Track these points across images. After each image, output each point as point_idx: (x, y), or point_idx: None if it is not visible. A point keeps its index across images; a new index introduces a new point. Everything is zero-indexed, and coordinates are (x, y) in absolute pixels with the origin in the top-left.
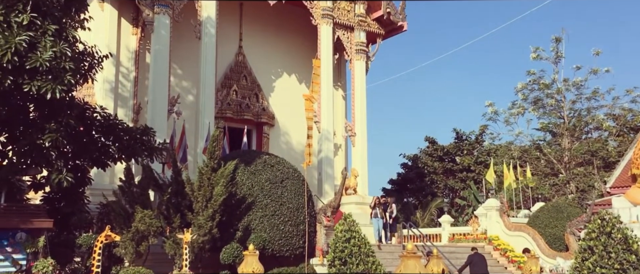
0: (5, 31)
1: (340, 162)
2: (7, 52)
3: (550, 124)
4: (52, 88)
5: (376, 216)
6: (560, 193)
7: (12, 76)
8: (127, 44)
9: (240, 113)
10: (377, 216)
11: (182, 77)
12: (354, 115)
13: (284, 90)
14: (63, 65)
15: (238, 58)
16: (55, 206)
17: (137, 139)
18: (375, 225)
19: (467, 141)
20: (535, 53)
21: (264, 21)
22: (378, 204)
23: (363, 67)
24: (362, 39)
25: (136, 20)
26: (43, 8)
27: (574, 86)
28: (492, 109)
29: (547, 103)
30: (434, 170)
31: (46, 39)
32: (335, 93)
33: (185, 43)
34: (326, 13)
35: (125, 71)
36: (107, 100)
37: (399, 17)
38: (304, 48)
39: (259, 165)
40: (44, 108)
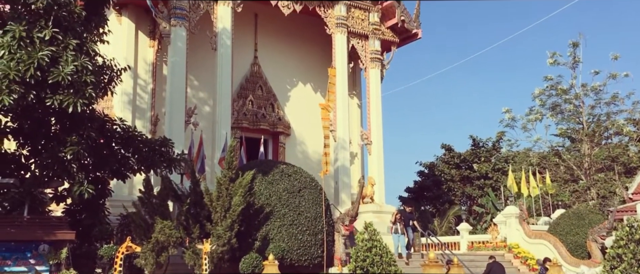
0: (28, 47)
1: (357, 171)
2: (30, 67)
3: (569, 130)
4: (74, 101)
5: (396, 232)
6: (581, 199)
7: (35, 90)
8: (144, 57)
9: (257, 123)
10: (397, 231)
11: (198, 88)
12: (369, 123)
13: (299, 99)
14: (84, 79)
15: (253, 68)
16: (77, 218)
17: (156, 151)
18: (395, 241)
19: (484, 148)
20: (552, 58)
21: (278, 31)
22: (399, 219)
23: (378, 75)
24: (376, 47)
25: (153, 32)
26: (64, 23)
27: (592, 91)
28: (509, 115)
29: (565, 109)
30: (451, 177)
31: (68, 53)
32: (350, 102)
33: (202, 54)
34: (340, 22)
35: (143, 83)
36: (126, 112)
37: (413, 24)
38: (318, 57)
39: (276, 174)
40: (66, 121)
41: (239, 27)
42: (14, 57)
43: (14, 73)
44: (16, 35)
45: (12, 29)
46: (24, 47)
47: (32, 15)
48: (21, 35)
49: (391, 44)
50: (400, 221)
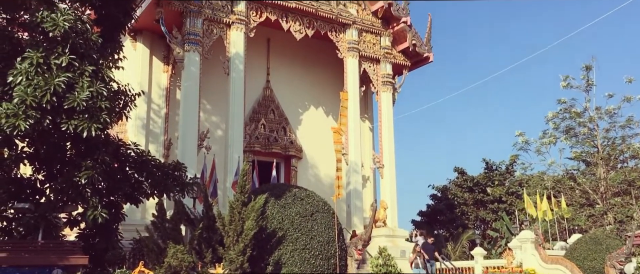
0: (45, 73)
1: (369, 194)
2: (46, 92)
3: (583, 153)
4: (89, 126)
5: (417, 266)
6: (598, 224)
7: (51, 115)
8: (158, 81)
9: (269, 147)
10: (418, 266)
11: (211, 112)
12: (381, 146)
13: (311, 122)
14: (99, 105)
15: (266, 92)
16: (90, 243)
17: (169, 175)
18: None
19: (497, 172)
20: (566, 82)
21: (290, 55)
22: (418, 252)
23: (390, 98)
24: (388, 71)
25: (167, 58)
26: (81, 50)
27: (606, 114)
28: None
29: (579, 132)
30: (464, 201)
31: (83, 79)
32: (362, 125)
33: (214, 79)
34: (352, 46)
35: (157, 108)
36: (139, 136)
37: (425, 48)
38: (330, 81)
39: (289, 198)
40: (81, 146)
41: (251, 52)
42: (31, 83)
43: (31, 99)
44: (34, 61)
45: (30, 55)
46: (41, 73)
47: (50, 42)
48: (39, 62)
49: (402, 67)
50: (421, 254)
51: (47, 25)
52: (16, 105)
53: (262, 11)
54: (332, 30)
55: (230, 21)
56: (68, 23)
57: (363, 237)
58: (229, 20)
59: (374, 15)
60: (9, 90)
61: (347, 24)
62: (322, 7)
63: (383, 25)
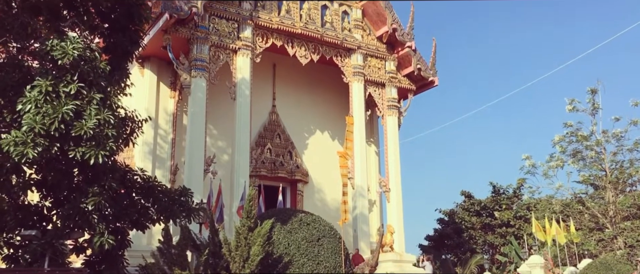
0: (53, 101)
1: (376, 219)
2: (54, 120)
3: (591, 177)
4: (96, 154)
5: None
6: (608, 249)
7: (59, 143)
8: (165, 107)
9: (275, 171)
10: None
11: (217, 137)
12: (387, 170)
13: (316, 147)
14: (106, 132)
15: (272, 117)
16: (96, 270)
17: (175, 200)
18: None
19: (504, 195)
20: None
21: (296, 80)
22: None
23: (395, 122)
24: (393, 95)
25: (174, 84)
26: (89, 78)
27: (613, 137)
28: (530, 162)
29: (586, 156)
30: (471, 225)
31: (91, 107)
32: (368, 149)
33: (221, 104)
34: (357, 71)
35: (163, 133)
36: (146, 161)
37: (430, 72)
38: (336, 105)
39: (295, 223)
40: (88, 173)
41: (257, 77)
42: (40, 111)
43: (39, 127)
44: (43, 89)
45: (40, 84)
46: (50, 101)
47: (59, 70)
48: (47, 90)
49: (408, 91)
50: None
51: (56, 54)
52: (25, 133)
53: (268, 37)
54: (337, 55)
55: (236, 47)
56: (77, 51)
57: (370, 262)
58: (235, 46)
59: (379, 40)
60: (18, 117)
61: (352, 49)
62: (327, 32)
63: (388, 50)
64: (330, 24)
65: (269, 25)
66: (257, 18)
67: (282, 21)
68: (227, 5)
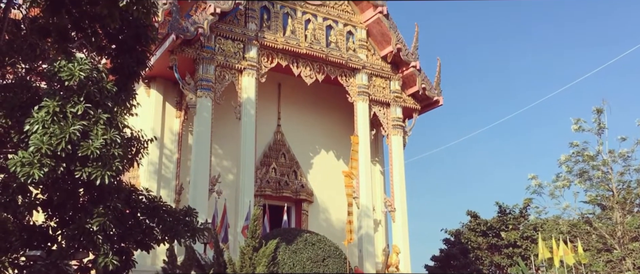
0: (60, 121)
1: (381, 239)
2: (61, 141)
3: (598, 197)
4: (102, 174)
5: None
6: (616, 270)
7: (65, 163)
8: (170, 127)
9: (279, 191)
10: None
11: (222, 157)
12: (393, 190)
13: (322, 166)
14: (112, 152)
15: (276, 136)
16: None
17: (180, 220)
18: None
19: (511, 215)
20: (577, 125)
21: (301, 100)
22: None
23: (400, 141)
24: (398, 115)
25: (180, 103)
26: (96, 98)
27: (620, 157)
28: (536, 182)
29: (593, 176)
30: (477, 245)
31: (98, 127)
32: (373, 169)
33: (226, 123)
34: (362, 90)
35: (169, 153)
36: (151, 181)
37: (434, 92)
38: (340, 124)
39: (300, 243)
40: (93, 193)
41: (262, 97)
42: (47, 131)
43: (46, 147)
44: (50, 110)
45: (47, 104)
46: (57, 121)
47: (66, 91)
48: (55, 110)
49: (413, 111)
50: None
51: (64, 75)
52: (31, 154)
53: (273, 57)
54: (342, 75)
55: (242, 67)
56: (84, 72)
57: None
58: (240, 66)
59: (384, 60)
60: (25, 138)
61: (357, 69)
62: (332, 52)
63: (392, 70)
64: (335, 44)
65: (274, 45)
66: (263, 38)
67: (287, 41)
68: (233, 26)
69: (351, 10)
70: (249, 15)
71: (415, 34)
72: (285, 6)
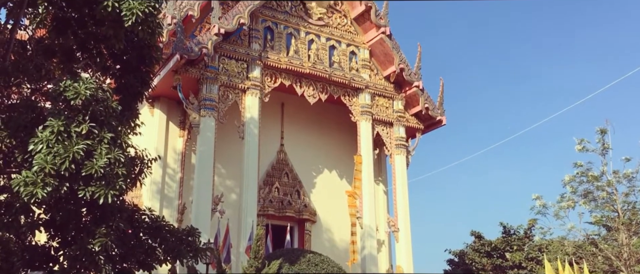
0: (65, 141)
1: (384, 259)
2: (65, 160)
3: (604, 218)
4: (105, 193)
5: None
6: None
7: (69, 183)
8: (174, 146)
9: (282, 210)
10: None
11: (225, 176)
12: (396, 210)
13: (325, 186)
14: (116, 171)
15: (280, 155)
16: None
17: (182, 240)
18: None
19: (515, 236)
20: (581, 145)
21: (304, 119)
22: None
23: (403, 161)
24: (401, 134)
25: (183, 123)
26: (101, 118)
27: (625, 178)
28: (540, 202)
29: (598, 196)
30: (482, 266)
31: (102, 146)
32: (376, 188)
33: (229, 143)
34: (365, 110)
35: (172, 172)
36: (154, 201)
37: (438, 112)
38: (344, 144)
39: (303, 263)
40: (96, 212)
41: (266, 116)
42: (51, 150)
43: (49, 167)
44: (55, 129)
45: (52, 124)
46: (61, 141)
47: (71, 110)
48: (59, 130)
49: (416, 130)
50: None
51: (69, 94)
52: (35, 173)
53: (277, 77)
54: (345, 95)
55: (245, 87)
56: (89, 92)
57: None
58: (244, 86)
59: (387, 79)
60: (29, 157)
61: (360, 89)
62: (335, 72)
63: (395, 90)
64: (338, 64)
65: (278, 65)
66: (266, 58)
67: (291, 61)
68: (237, 46)
69: (354, 31)
70: (252, 35)
71: (418, 54)
72: (288, 26)
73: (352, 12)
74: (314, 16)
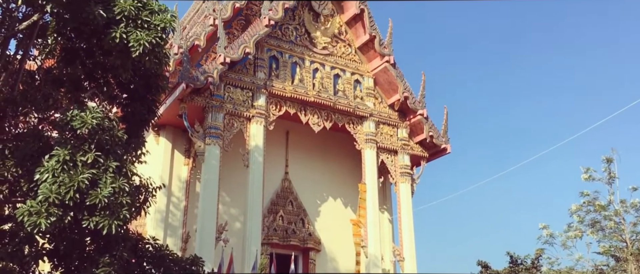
0: (70, 170)
1: None
2: (70, 189)
3: (612, 248)
4: (109, 223)
5: None
6: None
7: (73, 212)
8: (179, 174)
9: (287, 239)
10: None
11: (230, 205)
12: (401, 239)
13: (329, 214)
14: (120, 200)
15: (284, 184)
16: None
17: (186, 269)
18: None
19: (523, 266)
20: (587, 174)
21: (309, 147)
22: None
23: (408, 189)
24: (406, 162)
25: (188, 151)
26: (106, 146)
27: (632, 208)
28: (547, 232)
29: (606, 226)
30: None
31: (107, 175)
32: (381, 217)
33: (234, 171)
34: (369, 138)
35: (176, 200)
36: (158, 230)
37: (442, 139)
38: (348, 172)
39: None
40: (100, 242)
41: (270, 144)
42: (57, 180)
43: (54, 196)
44: (60, 159)
45: (58, 153)
46: (67, 170)
47: (77, 139)
48: (65, 159)
49: (421, 158)
50: None
51: (75, 124)
52: (40, 203)
53: (282, 105)
54: (349, 123)
55: (250, 115)
56: (96, 120)
57: None
58: (249, 114)
59: (391, 107)
60: (35, 187)
61: (364, 117)
62: (339, 100)
63: (400, 118)
64: (343, 92)
65: (283, 93)
66: (271, 87)
67: (296, 90)
68: (242, 75)
69: (358, 60)
70: (258, 64)
71: (422, 82)
72: (293, 55)
73: (356, 42)
74: (319, 45)
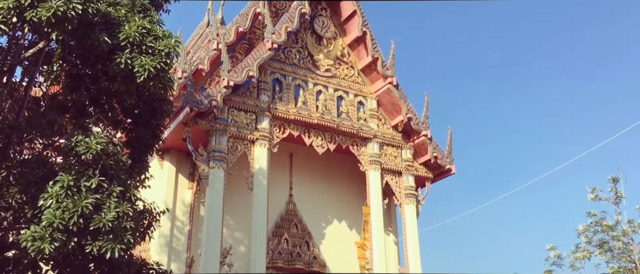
0: (74, 195)
1: None
2: (74, 215)
3: (621, 269)
4: (113, 248)
5: None
6: None
7: (76, 237)
8: (183, 198)
9: (292, 262)
10: None
11: (234, 228)
12: (407, 260)
13: (334, 237)
14: (124, 225)
15: (289, 206)
16: None
17: None
18: None
19: None
20: (593, 194)
21: (313, 169)
22: None
23: (413, 211)
24: (410, 183)
25: (192, 175)
26: (111, 171)
27: None
28: (555, 253)
29: (614, 247)
30: None
31: (111, 200)
32: (386, 239)
33: (238, 194)
34: (374, 160)
35: (180, 225)
36: (162, 254)
37: (446, 160)
38: (353, 194)
39: None
40: (104, 268)
41: (274, 167)
42: (61, 205)
43: (58, 222)
44: (64, 184)
45: (62, 179)
46: (71, 195)
47: (82, 164)
48: (69, 184)
49: (425, 179)
50: None
51: (80, 149)
52: (43, 228)
53: (285, 127)
54: (353, 144)
55: (254, 138)
56: (100, 146)
57: None
58: (253, 137)
59: (395, 129)
60: (38, 213)
61: (368, 138)
62: (343, 122)
63: (404, 139)
64: (346, 114)
65: (286, 116)
66: (275, 109)
67: (299, 112)
68: (246, 98)
69: (361, 81)
70: (261, 87)
71: (426, 103)
72: (297, 78)
73: (359, 64)
74: (322, 68)
